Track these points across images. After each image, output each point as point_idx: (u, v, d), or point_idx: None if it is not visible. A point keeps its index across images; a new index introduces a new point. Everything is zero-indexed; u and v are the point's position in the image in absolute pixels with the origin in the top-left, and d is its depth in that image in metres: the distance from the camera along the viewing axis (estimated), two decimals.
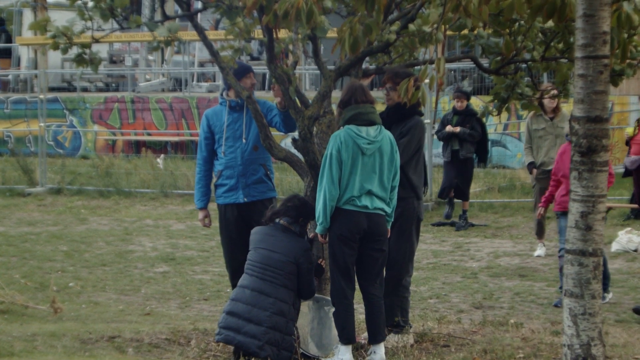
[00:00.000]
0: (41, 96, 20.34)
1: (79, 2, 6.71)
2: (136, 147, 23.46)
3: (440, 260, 12.37)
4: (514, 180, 17.70)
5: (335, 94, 7.76)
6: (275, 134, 8.37)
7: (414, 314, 8.66)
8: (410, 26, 6.94)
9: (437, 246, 13.31)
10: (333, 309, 7.15)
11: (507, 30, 6.96)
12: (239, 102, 8.23)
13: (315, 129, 7.38)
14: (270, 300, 6.97)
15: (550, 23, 6.52)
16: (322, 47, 7.86)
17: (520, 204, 15.73)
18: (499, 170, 18.99)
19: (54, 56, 26.36)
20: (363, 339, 7.39)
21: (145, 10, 27.33)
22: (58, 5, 26.35)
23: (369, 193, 6.97)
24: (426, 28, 6.67)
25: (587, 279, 5.58)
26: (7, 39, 30.06)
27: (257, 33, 7.66)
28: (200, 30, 7.37)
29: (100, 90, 27.10)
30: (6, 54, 29.65)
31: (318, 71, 7.68)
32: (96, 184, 18.84)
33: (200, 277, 11.57)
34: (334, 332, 7.20)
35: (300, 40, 7.36)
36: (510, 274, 11.52)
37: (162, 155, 21.47)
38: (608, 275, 9.86)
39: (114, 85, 27.63)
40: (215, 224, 8.62)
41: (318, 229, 7.03)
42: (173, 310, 10.00)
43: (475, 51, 7.69)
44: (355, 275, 7.11)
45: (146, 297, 10.60)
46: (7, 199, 18.20)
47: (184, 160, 21.11)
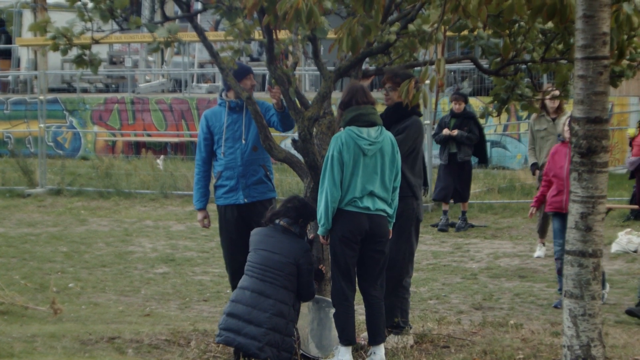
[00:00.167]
0: (41, 97, 20.32)
1: (79, 3, 6.70)
2: (136, 148, 23.46)
3: (440, 261, 12.37)
4: (513, 181, 17.67)
5: (335, 95, 7.76)
6: (275, 134, 8.37)
7: (413, 314, 8.65)
8: (410, 27, 6.94)
9: (437, 247, 13.31)
10: (333, 310, 7.14)
11: (507, 31, 6.95)
12: (238, 103, 8.21)
13: (315, 130, 7.37)
14: (270, 302, 6.97)
15: (550, 24, 6.52)
16: (322, 48, 7.86)
17: (520, 205, 15.70)
18: (499, 171, 18.96)
19: (54, 57, 26.35)
20: (363, 339, 7.38)
21: (145, 11, 27.28)
22: (58, 6, 26.32)
23: (371, 194, 6.95)
24: (426, 27, 6.67)
25: (587, 279, 5.58)
26: (7, 39, 30.05)
27: (257, 34, 7.65)
28: (200, 31, 7.36)
29: (100, 91, 27.10)
30: (6, 55, 29.65)
31: (318, 72, 7.68)
32: (96, 185, 18.83)
33: (200, 278, 11.57)
34: (334, 333, 7.20)
35: (300, 41, 7.37)
36: (510, 275, 11.52)
37: (162, 156, 21.47)
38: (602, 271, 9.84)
39: (113, 86, 27.62)
40: (215, 225, 8.61)
41: (320, 231, 7.01)
42: (173, 311, 9.99)
43: (475, 52, 7.69)
44: (356, 276, 7.11)
45: (146, 298, 10.60)
46: (7, 200, 18.19)
47: (184, 161, 21.09)
